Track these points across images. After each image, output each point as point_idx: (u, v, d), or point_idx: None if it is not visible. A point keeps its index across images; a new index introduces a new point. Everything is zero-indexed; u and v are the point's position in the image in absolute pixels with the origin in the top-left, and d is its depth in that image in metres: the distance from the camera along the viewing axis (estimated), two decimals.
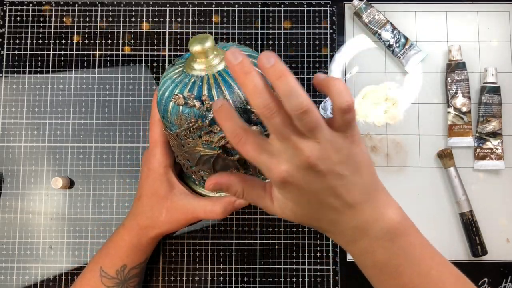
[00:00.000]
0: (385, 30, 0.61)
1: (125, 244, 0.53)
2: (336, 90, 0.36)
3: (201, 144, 0.46)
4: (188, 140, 0.46)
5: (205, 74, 0.45)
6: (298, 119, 0.35)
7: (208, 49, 0.45)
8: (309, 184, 0.37)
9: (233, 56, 0.35)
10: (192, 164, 0.49)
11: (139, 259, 0.54)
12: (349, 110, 0.36)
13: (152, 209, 0.53)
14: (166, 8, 0.63)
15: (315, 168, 0.37)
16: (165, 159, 0.53)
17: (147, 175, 0.53)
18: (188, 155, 0.48)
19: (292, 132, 0.36)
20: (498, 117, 0.60)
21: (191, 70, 0.46)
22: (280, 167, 0.37)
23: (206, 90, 0.44)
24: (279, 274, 0.59)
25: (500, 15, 0.63)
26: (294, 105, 0.35)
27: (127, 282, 0.53)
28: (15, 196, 0.60)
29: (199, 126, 0.45)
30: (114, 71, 0.62)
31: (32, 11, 0.63)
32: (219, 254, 0.59)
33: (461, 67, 0.60)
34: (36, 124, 0.61)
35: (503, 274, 0.59)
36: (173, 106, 0.46)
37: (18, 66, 0.62)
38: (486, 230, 0.59)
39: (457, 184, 0.59)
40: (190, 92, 0.45)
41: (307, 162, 0.36)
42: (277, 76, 0.34)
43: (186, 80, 0.46)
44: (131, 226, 0.53)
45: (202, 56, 0.45)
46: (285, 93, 0.35)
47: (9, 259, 0.59)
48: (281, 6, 0.63)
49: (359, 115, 0.61)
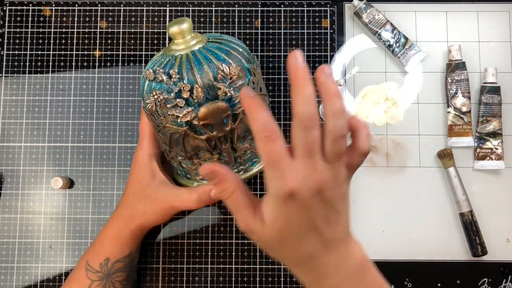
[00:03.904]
0: (385, 30, 0.61)
1: (107, 236, 0.53)
2: (365, 134, 0.39)
3: (171, 122, 0.47)
4: (160, 119, 0.48)
5: (179, 54, 0.47)
6: (334, 141, 0.36)
7: (185, 30, 0.47)
8: (310, 208, 0.37)
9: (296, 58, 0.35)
10: (168, 147, 0.49)
11: (123, 252, 0.53)
12: (366, 155, 0.39)
13: (133, 198, 0.53)
14: (166, 8, 0.63)
15: (322, 194, 0.37)
16: (150, 148, 0.53)
17: (134, 165, 0.54)
18: (163, 136, 0.49)
19: (320, 151, 0.36)
20: (498, 117, 0.60)
21: (170, 51, 0.48)
22: (294, 180, 0.36)
23: (177, 67, 0.46)
24: (279, 274, 0.59)
25: (500, 15, 0.63)
26: (338, 127, 0.36)
27: (111, 276, 0.52)
28: (15, 196, 0.60)
29: (164, 98, 0.46)
30: (114, 71, 0.62)
31: (32, 11, 0.63)
32: (219, 254, 0.59)
33: (461, 67, 0.60)
34: (36, 124, 0.61)
35: (503, 274, 0.59)
36: (148, 84, 0.47)
37: (18, 66, 0.62)
38: (486, 230, 0.59)
39: (457, 184, 0.59)
40: (163, 69, 0.46)
41: (319, 185, 0.36)
42: (333, 94, 0.35)
43: (163, 60, 0.48)
44: (114, 217, 0.54)
45: (179, 37, 0.47)
46: (336, 112, 0.35)
47: (9, 259, 0.59)
48: (281, 6, 0.63)
49: (359, 115, 0.61)
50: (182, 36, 0.47)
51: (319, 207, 0.37)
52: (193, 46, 0.48)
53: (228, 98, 0.46)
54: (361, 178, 0.60)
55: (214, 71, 0.46)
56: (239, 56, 0.47)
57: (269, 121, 0.35)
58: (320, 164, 0.36)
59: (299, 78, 0.35)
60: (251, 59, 0.49)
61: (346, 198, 0.39)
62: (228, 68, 0.46)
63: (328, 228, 0.38)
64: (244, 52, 0.49)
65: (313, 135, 0.36)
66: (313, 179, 0.36)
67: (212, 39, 0.49)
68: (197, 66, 0.46)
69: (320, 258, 0.39)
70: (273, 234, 0.38)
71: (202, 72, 0.46)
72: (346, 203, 0.40)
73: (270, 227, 0.38)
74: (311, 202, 0.37)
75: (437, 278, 0.59)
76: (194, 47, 0.48)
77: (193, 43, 0.48)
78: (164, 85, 0.46)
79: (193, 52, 0.47)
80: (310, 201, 0.37)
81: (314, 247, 0.39)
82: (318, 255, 0.39)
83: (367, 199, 0.60)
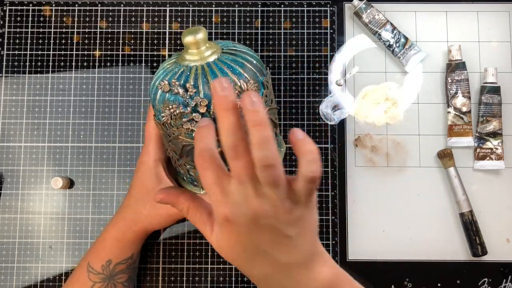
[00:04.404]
0: (385, 30, 0.61)
1: (109, 238, 0.53)
2: (308, 157, 0.36)
3: (184, 134, 0.46)
4: (173, 129, 0.47)
5: (194, 64, 0.46)
6: (261, 171, 0.35)
7: (200, 40, 0.46)
8: (250, 233, 0.37)
9: (220, 85, 0.35)
10: (177, 155, 0.49)
11: (125, 255, 0.53)
12: (313, 181, 0.36)
13: (138, 202, 0.53)
14: (166, 8, 0.63)
15: (259, 221, 0.37)
16: (156, 152, 0.53)
17: (138, 168, 0.54)
18: (173, 145, 0.49)
19: (251, 180, 0.36)
20: (498, 117, 0.60)
21: (183, 60, 0.47)
22: (226, 206, 0.37)
23: (193, 79, 0.45)
24: None
25: (500, 15, 0.63)
26: (262, 156, 0.35)
27: (113, 278, 0.52)
28: (15, 196, 0.60)
29: (180, 112, 0.45)
30: (114, 71, 0.62)
31: (32, 11, 0.63)
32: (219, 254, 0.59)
33: (461, 67, 0.60)
34: (36, 124, 0.61)
35: (503, 274, 0.59)
36: (160, 94, 0.46)
37: (18, 66, 0.62)
38: (486, 230, 0.59)
39: (457, 184, 0.59)
40: (178, 80, 0.46)
41: (252, 213, 0.36)
42: (255, 123, 0.34)
43: (176, 69, 0.47)
44: (117, 219, 0.54)
45: (194, 47, 0.46)
46: (258, 141, 0.34)
47: (9, 259, 0.59)
48: (281, 6, 0.63)
49: (359, 115, 0.61)
50: (197, 46, 0.46)
51: (260, 234, 0.37)
52: (208, 57, 0.46)
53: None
54: (361, 178, 0.60)
55: None
56: (253, 69, 0.47)
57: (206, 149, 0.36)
58: (253, 192, 0.36)
59: (217, 104, 0.35)
60: (264, 71, 0.48)
61: (302, 221, 0.38)
62: (245, 85, 0.45)
63: (280, 253, 0.38)
64: (258, 64, 0.48)
65: (238, 164, 0.35)
66: (246, 207, 0.36)
67: (226, 50, 0.48)
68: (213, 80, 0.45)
69: (276, 281, 0.39)
70: (225, 254, 0.40)
71: None
72: (305, 226, 0.39)
73: (219, 248, 0.40)
74: (249, 228, 0.37)
75: (437, 278, 0.59)
76: (208, 58, 0.46)
77: (207, 54, 0.46)
78: (179, 98, 0.45)
79: (208, 64, 0.46)
80: (249, 228, 0.37)
81: (266, 269, 0.39)
82: (273, 278, 0.39)
83: (367, 199, 0.60)
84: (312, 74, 0.62)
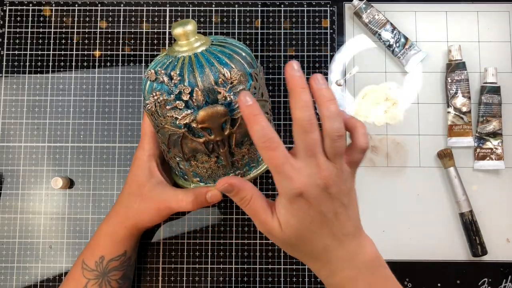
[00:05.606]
0: (385, 30, 0.61)
1: (103, 234, 0.53)
2: (362, 132, 0.41)
3: (170, 123, 0.47)
4: (160, 119, 0.48)
5: (182, 55, 0.47)
6: (332, 141, 0.39)
7: (189, 32, 0.47)
8: (319, 203, 0.40)
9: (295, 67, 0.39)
10: (166, 147, 0.49)
11: (117, 251, 0.53)
12: (365, 151, 0.42)
13: (129, 196, 0.53)
14: (166, 8, 0.63)
15: (329, 190, 0.40)
16: (150, 148, 0.54)
17: (133, 163, 0.54)
18: (162, 136, 0.49)
19: (320, 152, 0.39)
20: (498, 117, 0.60)
21: (173, 52, 0.48)
22: (300, 179, 0.39)
23: (179, 68, 0.46)
24: (279, 274, 0.59)
25: (500, 15, 0.63)
26: (335, 128, 0.39)
27: (107, 275, 0.52)
28: (15, 196, 0.60)
29: (164, 99, 0.46)
30: (114, 71, 0.62)
31: (32, 11, 0.63)
32: (219, 254, 0.59)
33: (461, 67, 0.60)
34: (36, 124, 0.61)
35: (503, 274, 0.59)
36: (149, 84, 0.47)
37: (18, 66, 0.62)
38: (486, 230, 0.59)
39: (457, 184, 0.59)
40: (165, 70, 0.46)
41: (324, 182, 0.39)
42: (327, 99, 0.39)
43: (165, 61, 0.48)
44: (110, 214, 0.54)
45: (183, 39, 0.47)
46: (331, 115, 0.39)
47: (9, 259, 0.59)
48: (281, 6, 0.63)
49: (359, 115, 0.61)
50: (186, 37, 0.47)
51: (328, 202, 0.40)
52: (196, 48, 0.47)
53: (228, 102, 0.46)
54: (361, 178, 0.60)
55: (216, 74, 0.45)
56: (241, 61, 0.47)
57: (268, 130, 0.39)
58: (323, 163, 0.39)
59: (297, 86, 0.39)
60: (254, 63, 0.49)
61: (352, 193, 0.42)
62: (229, 73, 0.46)
63: (338, 223, 0.41)
64: (248, 56, 0.48)
65: (312, 137, 0.39)
66: (318, 176, 0.39)
67: (216, 42, 0.49)
68: (198, 69, 0.46)
69: (334, 252, 0.42)
70: (290, 232, 0.41)
71: (203, 75, 0.45)
72: (353, 198, 0.42)
73: (286, 226, 0.41)
74: (319, 198, 0.40)
75: (437, 278, 0.59)
76: (197, 49, 0.47)
77: (196, 45, 0.48)
78: (164, 86, 0.46)
79: (196, 55, 0.47)
80: (319, 197, 0.40)
81: (327, 240, 0.41)
82: (332, 249, 0.42)
83: (367, 199, 0.60)
84: (312, 74, 0.62)
